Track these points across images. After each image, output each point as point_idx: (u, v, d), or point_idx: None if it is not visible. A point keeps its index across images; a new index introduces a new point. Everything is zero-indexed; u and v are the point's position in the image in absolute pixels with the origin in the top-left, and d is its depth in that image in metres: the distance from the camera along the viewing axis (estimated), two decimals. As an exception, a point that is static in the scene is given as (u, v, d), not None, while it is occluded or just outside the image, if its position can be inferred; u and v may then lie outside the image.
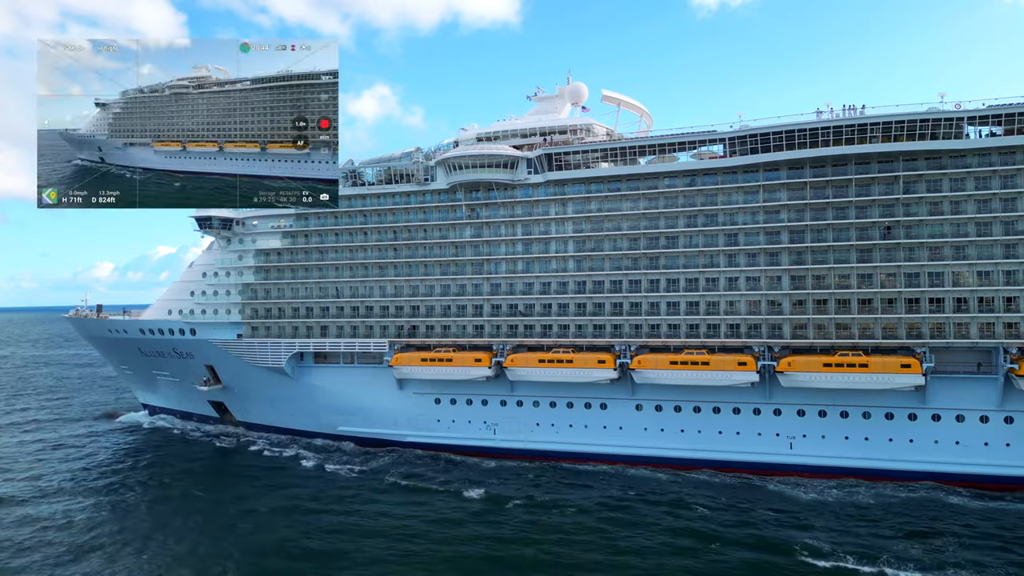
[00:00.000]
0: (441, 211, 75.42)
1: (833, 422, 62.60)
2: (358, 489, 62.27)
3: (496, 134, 77.22)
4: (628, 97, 78.63)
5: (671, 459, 66.21)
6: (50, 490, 62.76)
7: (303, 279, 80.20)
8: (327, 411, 79.68)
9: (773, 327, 63.76)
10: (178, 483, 65.26)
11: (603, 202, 69.56)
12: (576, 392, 69.28)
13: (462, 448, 73.26)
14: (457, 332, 74.15)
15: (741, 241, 64.97)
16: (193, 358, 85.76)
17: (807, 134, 60.71)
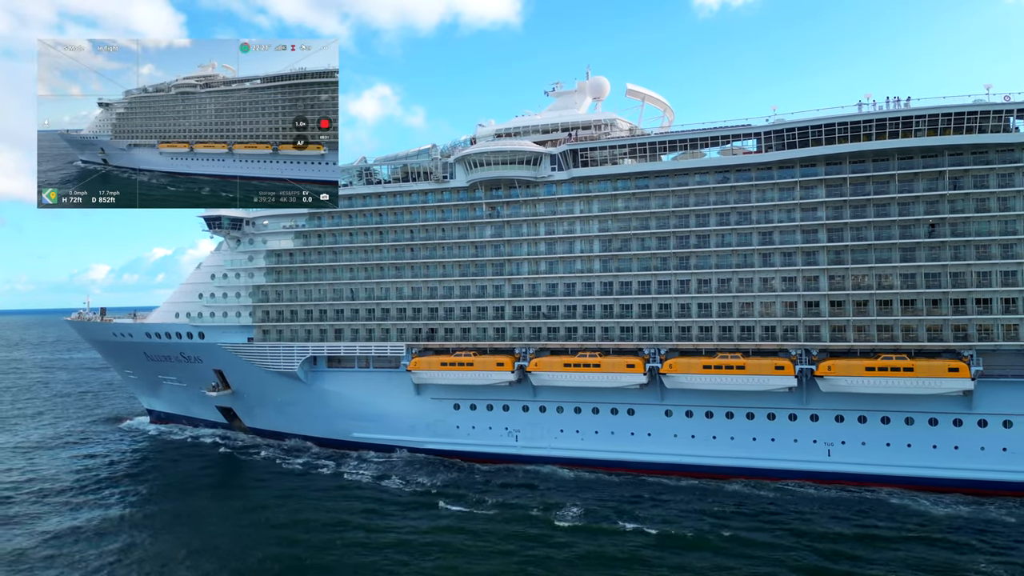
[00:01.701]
0: (460, 210, 72.73)
1: (874, 428, 60.04)
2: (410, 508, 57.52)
3: (515, 130, 74.62)
4: (651, 91, 76.01)
5: (703, 467, 63.60)
6: (59, 500, 59.91)
7: (316, 280, 77.49)
8: (341, 417, 76.97)
9: (810, 329, 61.17)
10: (193, 494, 62.50)
11: (630, 200, 66.91)
12: (602, 397, 66.64)
13: (482, 455, 70.63)
14: (477, 335, 71.48)
15: (776, 240, 62.34)
16: (201, 362, 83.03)
17: (848, 128, 58.16)
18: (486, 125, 77.78)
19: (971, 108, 55.78)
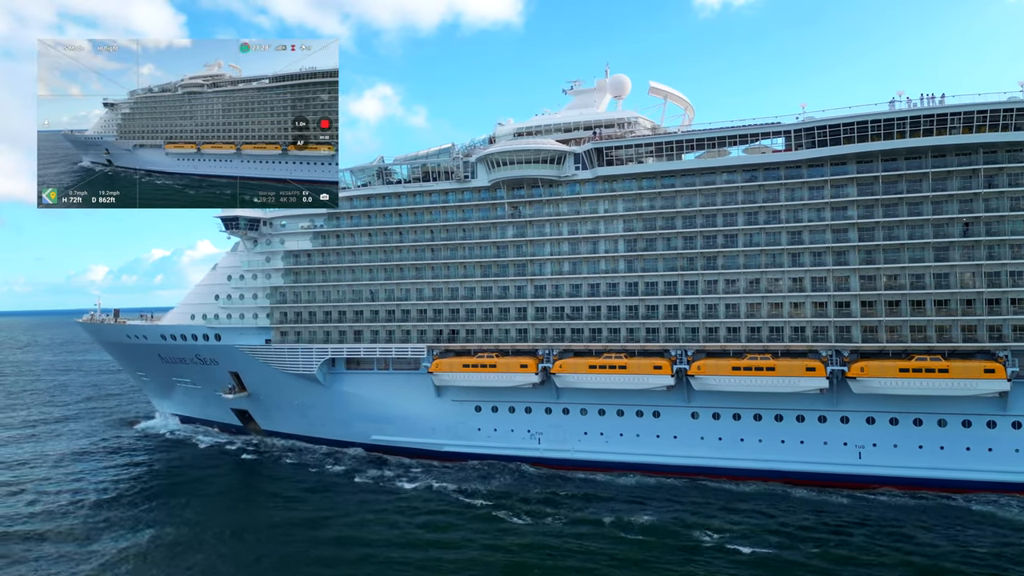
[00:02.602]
0: (481, 209, 71.79)
1: (905, 430, 59.17)
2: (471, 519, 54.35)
3: (535, 128, 73.67)
4: (673, 89, 75.05)
5: (730, 470, 62.76)
6: (73, 509, 58.47)
7: (335, 281, 76.54)
8: (360, 420, 76.10)
9: (840, 330, 60.27)
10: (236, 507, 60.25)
11: (656, 199, 65.97)
12: (627, 399, 65.74)
13: (504, 458, 69.76)
14: (499, 336, 70.58)
15: (806, 239, 61.44)
16: (217, 364, 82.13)
17: (881, 125, 57.23)
18: (505, 124, 76.85)
19: (1007, 105, 54.88)
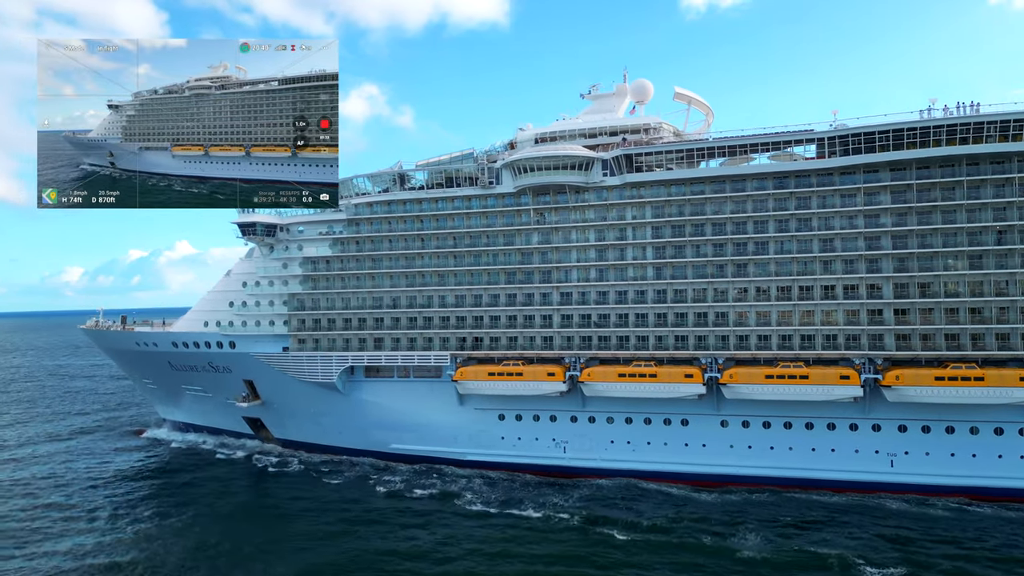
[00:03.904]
0: (506, 216, 70.96)
1: (938, 438, 59.12)
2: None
3: (556, 134, 73.00)
4: (697, 95, 74.65)
5: (759, 478, 62.39)
6: (89, 525, 57.08)
7: (355, 288, 75.31)
8: (378, 428, 74.94)
9: (874, 338, 60.09)
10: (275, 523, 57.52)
11: (685, 205, 65.50)
12: (655, 408, 65.17)
13: (527, 467, 69.02)
14: (524, 344, 69.72)
15: (838, 247, 61.25)
16: (231, 372, 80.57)
17: (916, 133, 57.12)
18: (525, 129, 76.12)
19: (1042, 114, 55.03)
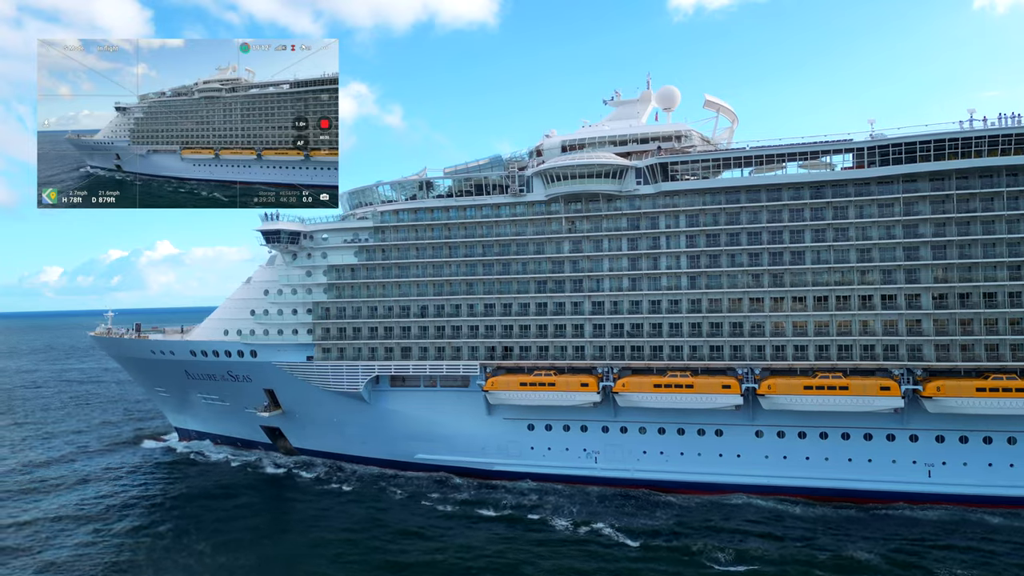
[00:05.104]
0: (536, 224, 70.20)
1: (976, 448, 59.08)
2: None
3: (584, 141, 72.40)
4: (725, 102, 74.32)
5: (795, 488, 62.14)
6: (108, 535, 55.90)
7: (381, 297, 74.29)
8: (404, 438, 74.00)
9: (912, 348, 59.92)
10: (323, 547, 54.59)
11: (720, 215, 65.05)
12: (689, 418, 64.73)
13: (556, 477, 68.39)
14: (555, 354, 69.01)
15: (876, 257, 61.01)
16: (251, 381, 79.33)
17: (958, 144, 56.97)
18: (550, 136, 75.54)
19: (1084, 125, 55.05)
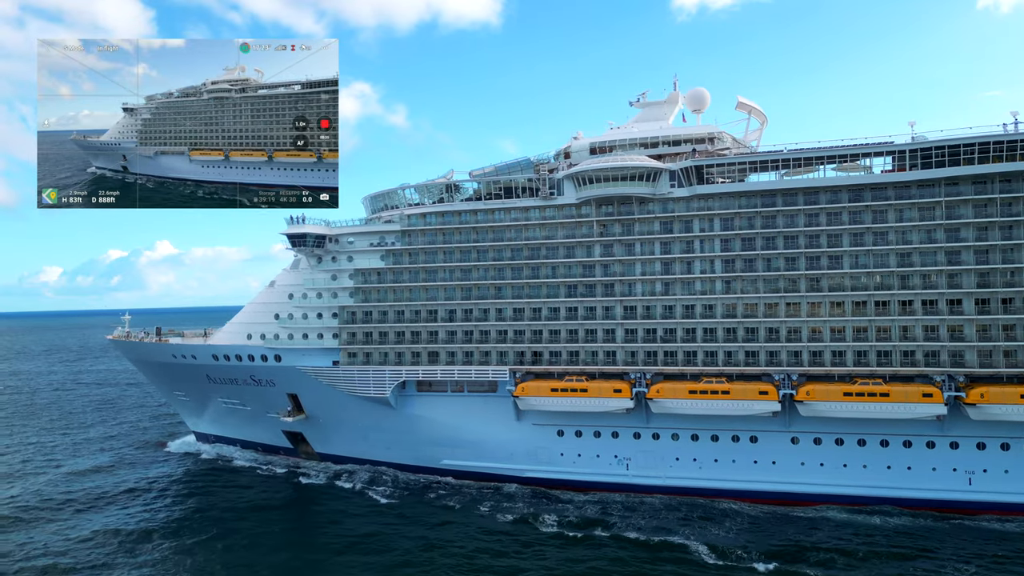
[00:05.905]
0: (566, 227, 69.29)
1: (1019, 455, 58.10)
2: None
3: (613, 143, 71.46)
4: (756, 104, 73.35)
5: (832, 496, 61.14)
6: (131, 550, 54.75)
7: (408, 301, 73.40)
8: (430, 443, 73.11)
9: (954, 355, 58.97)
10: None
11: (755, 218, 64.14)
12: (723, 425, 63.81)
13: (587, 484, 67.49)
14: (586, 359, 68.11)
15: (916, 261, 60.08)
16: (274, 386, 78.47)
17: (1003, 146, 56.06)
18: (578, 138, 74.65)
19: None
